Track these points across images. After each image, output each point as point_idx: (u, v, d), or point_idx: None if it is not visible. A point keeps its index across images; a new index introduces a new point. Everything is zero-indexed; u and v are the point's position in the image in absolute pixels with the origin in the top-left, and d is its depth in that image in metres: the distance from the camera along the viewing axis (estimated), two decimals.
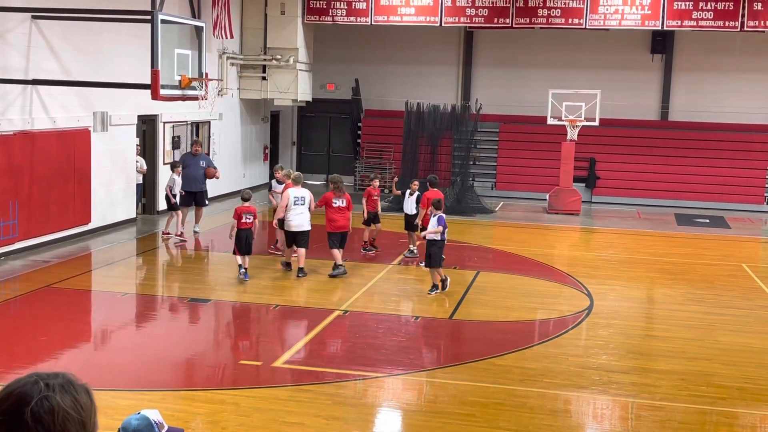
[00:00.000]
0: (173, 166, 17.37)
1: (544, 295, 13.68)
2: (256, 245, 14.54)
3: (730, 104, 25.90)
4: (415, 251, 16.00)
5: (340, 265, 14.13)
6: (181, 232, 17.05)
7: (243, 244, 13.72)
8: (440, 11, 23.66)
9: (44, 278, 13.48)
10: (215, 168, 18.03)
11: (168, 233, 17.20)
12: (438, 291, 13.09)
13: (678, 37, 26.09)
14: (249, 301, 12.77)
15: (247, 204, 13.95)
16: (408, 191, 16.42)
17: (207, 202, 18.08)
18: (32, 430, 1.80)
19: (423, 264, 13.92)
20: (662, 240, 19.42)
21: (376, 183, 16.92)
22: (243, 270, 13.68)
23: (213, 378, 9.39)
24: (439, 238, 13.09)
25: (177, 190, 16.92)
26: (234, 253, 13.81)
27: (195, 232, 17.59)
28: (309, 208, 14.16)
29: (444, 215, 13.28)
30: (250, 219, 13.85)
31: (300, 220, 14.03)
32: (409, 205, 16.18)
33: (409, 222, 16.13)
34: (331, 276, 14.04)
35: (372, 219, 16.33)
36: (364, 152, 27.18)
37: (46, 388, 1.86)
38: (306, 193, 14.20)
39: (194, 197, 17.62)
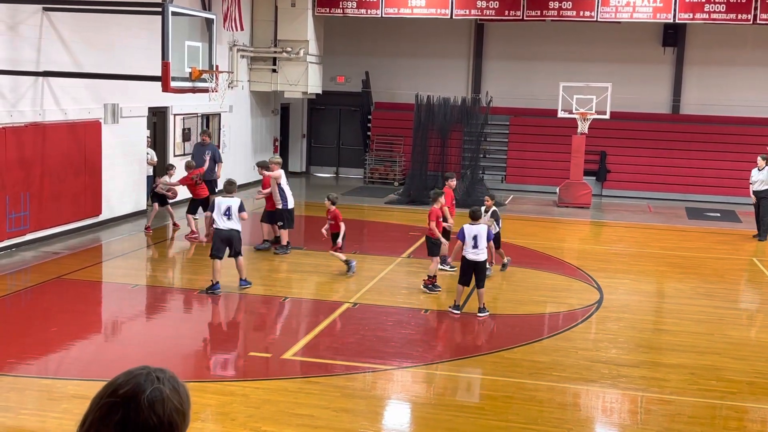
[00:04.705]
0: (167, 169, 17.39)
1: (554, 289, 13.66)
2: (257, 239, 14.46)
3: (741, 98, 25.74)
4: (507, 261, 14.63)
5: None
6: (148, 227, 16.94)
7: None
8: (451, 3, 23.59)
9: (55, 269, 13.55)
10: (217, 160, 17.70)
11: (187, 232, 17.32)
12: (488, 313, 11.71)
13: (690, 30, 25.94)
14: (258, 293, 12.80)
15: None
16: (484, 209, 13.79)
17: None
18: (147, 416, 2.03)
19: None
20: (673, 234, 19.36)
21: (442, 200, 13.55)
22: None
23: (223, 369, 9.44)
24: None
25: (161, 189, 16.85)
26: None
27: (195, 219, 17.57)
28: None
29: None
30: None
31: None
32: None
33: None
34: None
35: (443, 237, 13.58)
36: (374, 145, 27.16)
37: (157, 380, 2.11)
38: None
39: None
